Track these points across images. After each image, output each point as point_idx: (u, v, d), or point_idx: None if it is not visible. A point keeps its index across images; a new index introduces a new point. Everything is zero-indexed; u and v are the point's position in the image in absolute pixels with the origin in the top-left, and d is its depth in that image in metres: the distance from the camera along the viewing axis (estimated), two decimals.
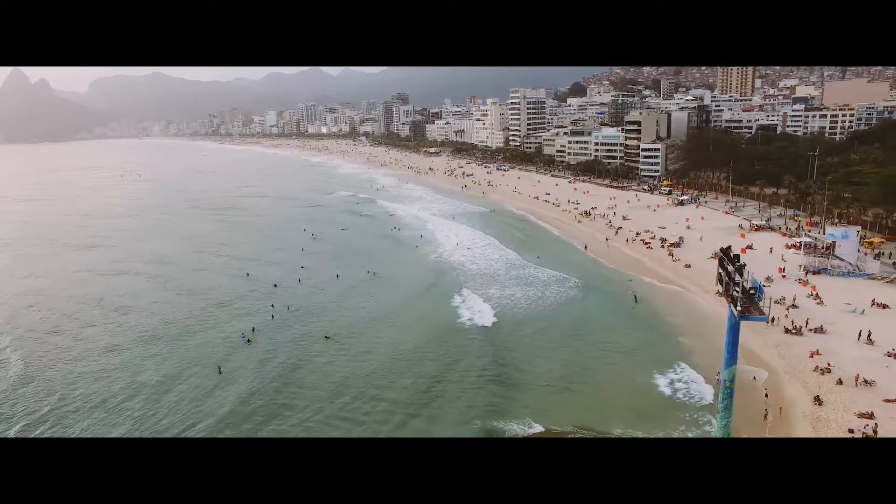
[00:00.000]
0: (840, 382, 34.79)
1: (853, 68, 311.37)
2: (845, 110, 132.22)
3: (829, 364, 36.90)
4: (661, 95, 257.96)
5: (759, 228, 74.28)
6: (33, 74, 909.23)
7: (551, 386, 39.64)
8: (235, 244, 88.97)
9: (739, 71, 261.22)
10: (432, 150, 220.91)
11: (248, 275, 69.63)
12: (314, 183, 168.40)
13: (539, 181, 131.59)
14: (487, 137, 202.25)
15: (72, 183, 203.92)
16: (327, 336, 49.59)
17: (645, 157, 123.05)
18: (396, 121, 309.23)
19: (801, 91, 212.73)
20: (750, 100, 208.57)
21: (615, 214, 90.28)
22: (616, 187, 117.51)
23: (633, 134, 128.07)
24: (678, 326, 48.07)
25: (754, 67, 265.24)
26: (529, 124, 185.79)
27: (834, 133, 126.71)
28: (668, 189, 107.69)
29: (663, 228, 78.74)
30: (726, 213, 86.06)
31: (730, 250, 17.41)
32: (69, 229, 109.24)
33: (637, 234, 77.09)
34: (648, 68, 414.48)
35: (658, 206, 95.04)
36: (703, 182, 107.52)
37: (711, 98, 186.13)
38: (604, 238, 78.44)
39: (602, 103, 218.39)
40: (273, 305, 57.11)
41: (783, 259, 60.22)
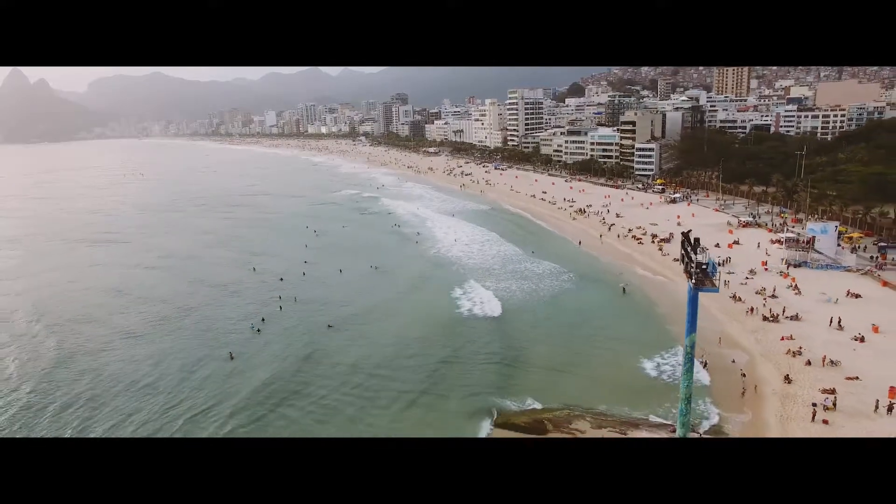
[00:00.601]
0: (809, 363, 37.69)
1: (849, 69, 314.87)
2: (837, 111, 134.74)
3: (801, 347, 39.80)
4: (659, 96, 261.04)
5: (747, 225, 77.23)
6: (33, 74, 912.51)
7: (546, 368, 42.50)
8: (244, 241, 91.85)
9: (735, 72, 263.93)
10: (431, 150, 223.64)
11: (255, 269, 72.42)
12: (316, 182, 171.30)
13: (536, 180, 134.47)
14: (486, 137, 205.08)
15: (75, 182, 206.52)
16: (330, 325, 52.45)
17: (639, 157, 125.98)
18: (396, 121, 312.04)
19: (796, 92, 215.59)
20: (745, 100, 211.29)
21: (609, 212, 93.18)
22: (611, 186, 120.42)
23: (628, 134, 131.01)
24: (665, 315, 50.88)
25: (750, 68, 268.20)
26: (527, 124, 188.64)
27: (826, 133, 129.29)
28: (662, 187, 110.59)
29: (655, 225, 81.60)
30: (716, 211, 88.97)
31: (689, 233, 20.15)
32: (79, 226, 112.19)
33: (629, 231, 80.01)
34: (646, 68, 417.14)
35: (651, 204, 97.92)
36: (696, 181, 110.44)
37: (707, 98, 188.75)
38: (598, 234, 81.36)
39: (599, 104, 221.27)
40: (280, 297, 59.91)
41: (767, 253, 63.14)
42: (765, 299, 48.96)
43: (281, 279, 66.83)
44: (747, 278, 55.88)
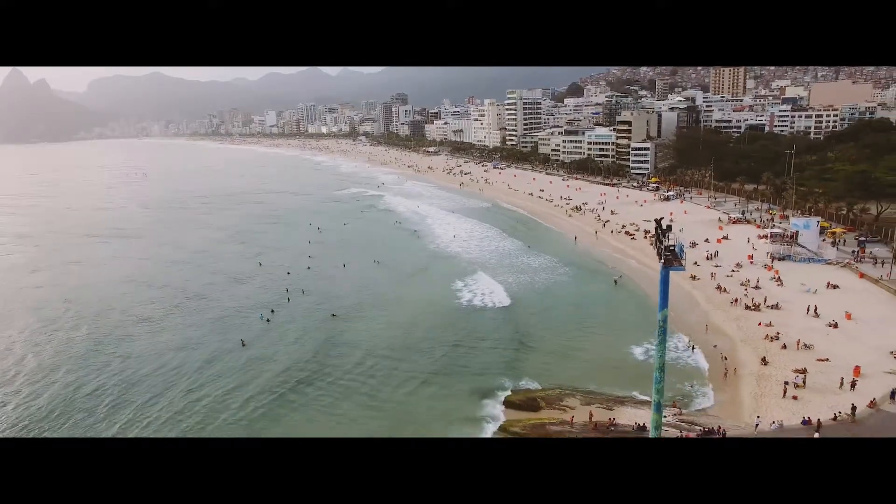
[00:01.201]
0: (784, 347, 40.48)
1: (845, 69, 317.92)
2: (829, 111, 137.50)
3: (778, 333, 42.61)
4: (656, 96, 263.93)
5: (737, 221, 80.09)
6: (32, 74, 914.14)
7: (541, 354, 45.37)
8: (250, 237, 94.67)
9: (732, 72, 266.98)
10: (431, 150, 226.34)
11: (261, 264, 75.11)
12: (318, 180, 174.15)
13: (534, 179, 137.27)
14: (485, 137, 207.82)
15: (80, 181, 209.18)
16: (334, 314, 55.27)
17: (635, 156, 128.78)
18: (396, 121, 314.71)
19: (791, 92, 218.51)
20: (741, 100, 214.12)
21: (604, 209, 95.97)
22: (606, 184, 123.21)
23: (624, 133, 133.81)
24: (654, 305, 53.47)
25: (746, 69, 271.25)
26: (526, 124, 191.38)
27: (819, 132, 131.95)
28: (656, 186, 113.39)
29: (648, 222, 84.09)
30: (708, 208, 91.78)
31: (661, 220, 22.89)
32: (91, 222, 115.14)
33: (623, 227, 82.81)
34: (645, 69, 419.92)
35: (645, 202, 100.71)
36: (689, 179, 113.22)
37: (703, 98, 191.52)
38: (593, 231, 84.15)
39: (597, 104, 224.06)
40: (288, 290, 62.65)
41: (754, 248, 65.93)
42: (746, 290, 51.76)
43: (288, 273, 69.56)
44: (733, 271, 58.67)
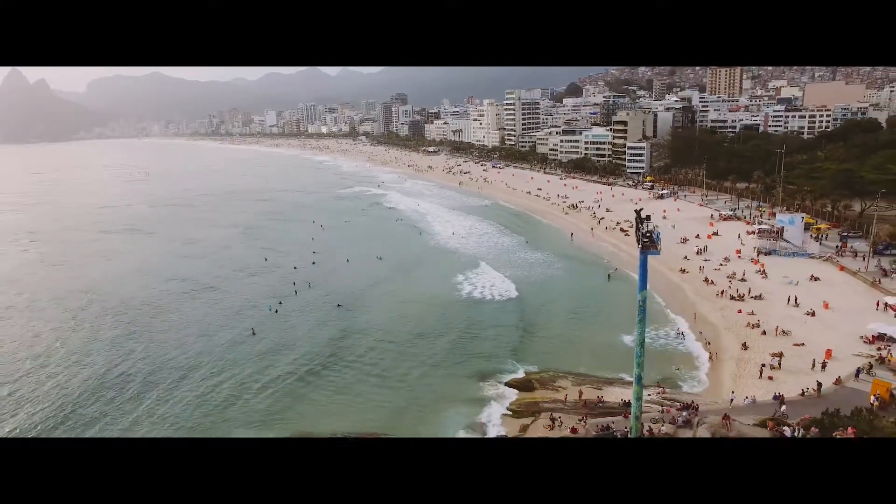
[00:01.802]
0: (764, 333, 43.20)
1: (843, 69, 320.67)
2: (823, 111, 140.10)
3: (759, 321, 45.29)
4: (654, 96, 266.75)
5: (727, 218, 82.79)
6: (32, 74, 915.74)
7: (537, 341, 48.11)
8: (255, 233, 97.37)
9: (728, 73, 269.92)
10: (431, 150, 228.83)
11: (267, 259, 77.73)
12: (319, 179, 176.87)
13: (532, 178, 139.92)
14: (484, 137, 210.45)
15: (84, 180, 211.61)
16: (340, 305, 57.97)
17: (631, 155, 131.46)
18: (395, 121, 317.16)
19: (786, 92, 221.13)
20: (737, 100, 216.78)
21: (599, 207, 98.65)
22: (602, 183, 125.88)
23: (620, 133, 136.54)
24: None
25: (742, 69, 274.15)
26: (524, 124, 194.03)
27: (812, 132, 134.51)
28: (651, 184, 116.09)
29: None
30: (700, 206, 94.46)
31: (641, 210, 25.49)
32: (101, 219, 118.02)
33: (617, 224, 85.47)
34: (643, 69, 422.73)
35: (640, 200, 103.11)
36: (683, 178, 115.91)
37: (700, 99, 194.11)
38: (588, 227, 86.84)
39: (595, 104, 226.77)
40: (295, 283, 65.25)
41: (742, 243, 68.61)
42: (731, 282, 54.46)
43: (295, 268, 72.15)
44: (721, 265, 61.34)
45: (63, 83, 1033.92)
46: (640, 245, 24.03)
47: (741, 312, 47.40)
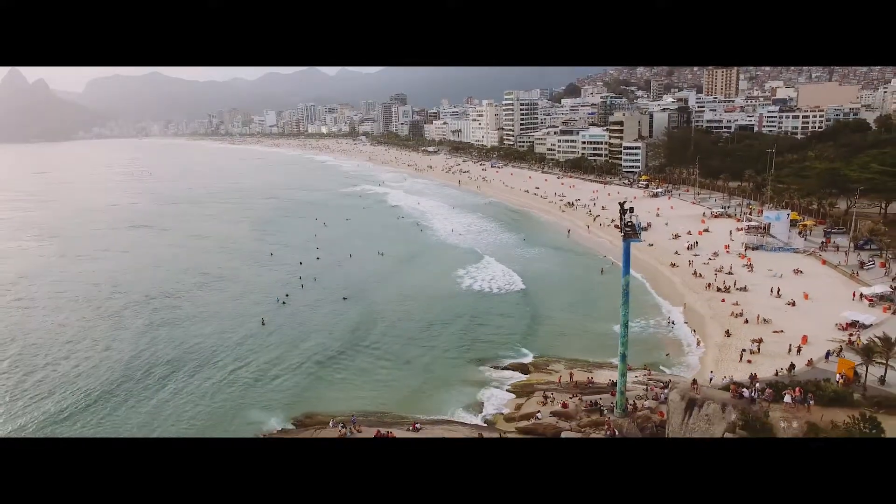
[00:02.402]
0: (746, 322, 46.01)
1: (839, 70, 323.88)
2: (816, 111, 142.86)
3: (742, 310, 48.08)
4: (651, 96, 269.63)
5: (719, 215, 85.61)
6: (31, 74, 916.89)
7: (533, 330, 50.96)
8: (260, 230, 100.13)
9: (725, 73, 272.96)
10: (430, 149, 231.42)
11: (272, 255, 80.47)
12: (321, 178, 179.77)
13: (530, 177, 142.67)
14: (483, 137, 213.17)
15: (89, 180, 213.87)
16: (345, 297, 60.69)
17: (627, 155, 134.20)
18: (395, 121, 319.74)
19: (782, 93, 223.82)
20: (733, 101, 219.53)
21: (595, 205, 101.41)
22: (599, 182, 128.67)
23: (616, 133, 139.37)
24: (635, 289, 58.94)
25: (738, 70, 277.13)
26: (522, 124, 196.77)
27: (805, 132, 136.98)
28: (646, 183, 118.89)
29: (636, 216, 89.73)
30: (693, 204, 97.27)
31: (625, 203, 28.29)
32: (113, 217, 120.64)
33: (612, 221, 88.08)
34: (641, 69, 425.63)
35: (634, 198, 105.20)
36: (677, 177, 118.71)
37: (696, 99, 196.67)
38: (584, 224, 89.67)
39: (593, 104, 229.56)
40: (301, 277, 67.92)
41: (731, 239, 71.40)
42: (716, 275, 57.27)
43: (300, 263, 74.84)
44: (710, 259, 64.13)
45: (62, 83, 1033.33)
46: (623, 234, 26.77)
47: (724, 302, 50.32)
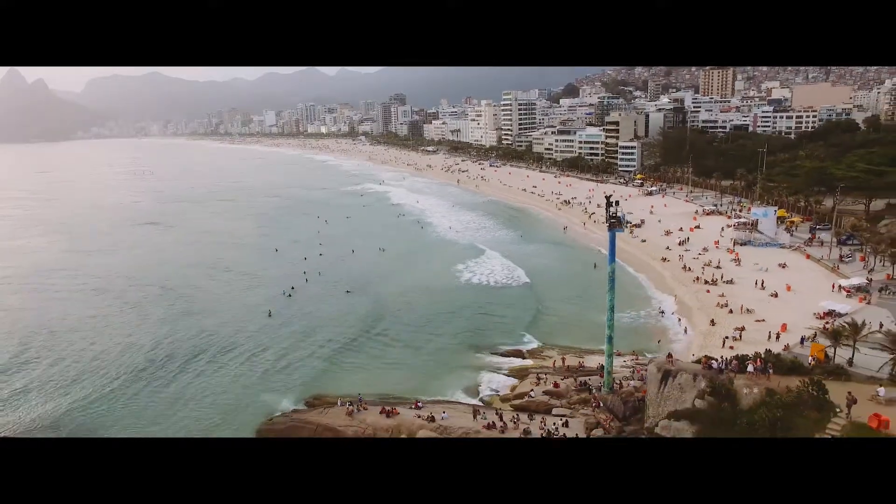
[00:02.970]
0: (731, 312, 48.47)
1: (835, 70, 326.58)
2: (809, 112, 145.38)
3: (727, 301, 50.53)
4: (649, 96, 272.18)
5: (710, 213, 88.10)
6: (30, 74, 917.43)
7: (530, 320, 53.45)
8: (264, 227, 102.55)
9: (721, 74, 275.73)
10: (430, 149, 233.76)
11: (277, 250, 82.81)
12: (322, 177, 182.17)
13: (528, 176, 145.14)
14: (482, 136, 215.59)
15: (91, 179, 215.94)
16: (348, 291, 63.06)
17: (622, 154, 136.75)
18: (394, 121, 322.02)
19: (777, 93, 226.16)
20: (729, 101, 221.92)
21: (591, 203, 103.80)
22: (595, 180, 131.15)
23: (613, 133, 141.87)
24: (626, 283, 61.51)
25: (735, 71, 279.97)
26: (521, 124, 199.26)
27: (799, 132, 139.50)
28: (641, 182, 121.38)
29: (630, 214, 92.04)
30: (686, 202, 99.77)
31: (610, 197, 30.72)
32: (120, 215, 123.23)
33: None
34: (640, 69, 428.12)
35: (630, 196, 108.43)
36: (672, 176, 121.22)
37: (693, 99, 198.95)
38: (580, 222, 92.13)
39: (591, 104, 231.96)
40: (305, 272, 70.25)
41: (721, 235, 73.87)
42: (703, 269, 59.79)
43: (305, 258, 77.17)
44: (700, 254, 66.60)
45: (61, 83, 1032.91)
46: (609, 225, 29.22)
47: (710, 293, 52.81)
